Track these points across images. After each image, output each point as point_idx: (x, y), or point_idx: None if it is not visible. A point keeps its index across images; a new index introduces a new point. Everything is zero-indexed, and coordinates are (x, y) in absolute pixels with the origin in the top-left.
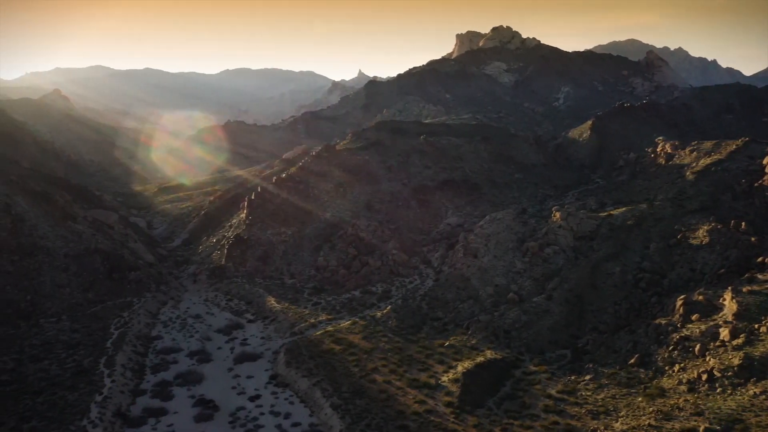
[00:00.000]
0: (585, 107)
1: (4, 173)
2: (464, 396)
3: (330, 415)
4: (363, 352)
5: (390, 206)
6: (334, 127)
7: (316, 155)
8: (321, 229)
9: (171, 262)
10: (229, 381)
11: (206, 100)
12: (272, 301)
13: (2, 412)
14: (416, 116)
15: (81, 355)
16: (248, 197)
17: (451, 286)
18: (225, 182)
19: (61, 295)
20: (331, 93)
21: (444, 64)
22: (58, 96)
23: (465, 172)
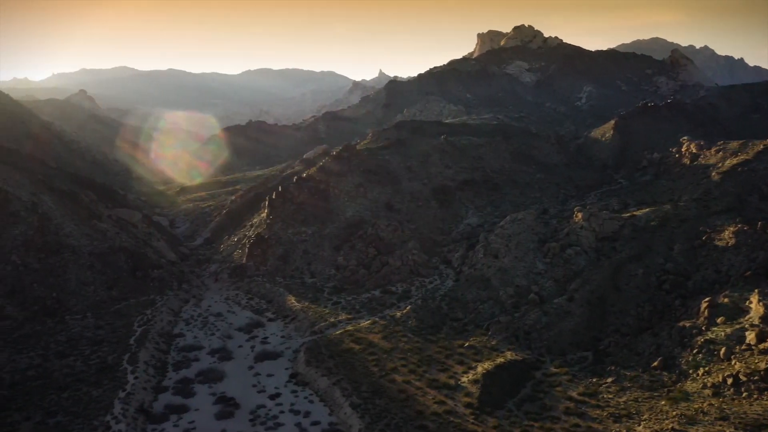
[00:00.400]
0: (608, 107)
1: (32, 172)
2: (484, 397)
3: (349, 415)
4: (382, 352)
5: (410, 206)
6: (355, 127)
7: (337, 155)
8: (341, 228)
9: (193, 261)
10: (249, 379)
11: (228, 101)
12: (292, 300)
13: (29, 406)
14: (437, 116)
15: (105, 352)
16: (269, 197)
17: (471, 286)
18: (246, 182)
19: (86, 293)
20: (352, 93)
21: (465, 64)
22: (84, 96)
23: (486, 172)
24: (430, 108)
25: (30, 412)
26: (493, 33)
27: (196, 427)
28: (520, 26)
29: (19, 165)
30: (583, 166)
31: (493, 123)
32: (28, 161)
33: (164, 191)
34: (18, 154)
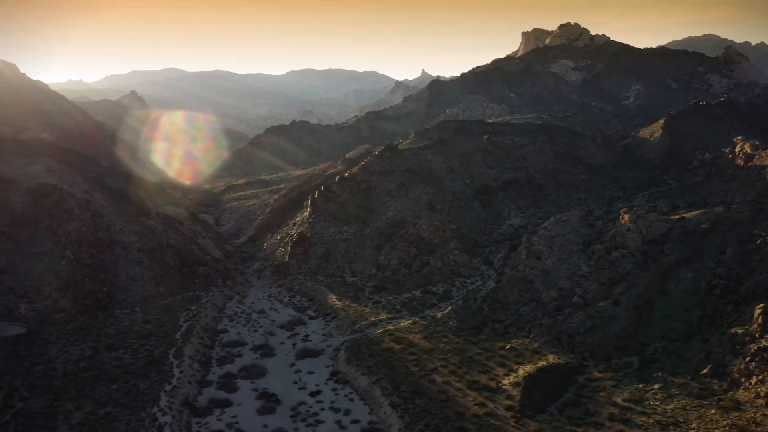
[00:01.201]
0: (657, 106)
1: (85, 171)
2: (525, 400)
3: (389, 414)
4: (423, 352)
5: (452, 206)
6: (397, 126)
7: (379, 155)
8: (382, 228)
9: (237, 258)
10: (290, 376)
11: (272, 101)
12: (333, 298)
13: (81, 396)
14: (480, 116)
15: (152, 346)
16: (311, 196)
17: (513, 288)
18: (289, 181)
19: (135, 288)
20: (394, 93)
21: (509, 63)
22: (135, 97)
23: (529, 172)
24: (473, 108)
25: (81, 402)
26: (538, 31)
27: (238, 421)
28: (565, 24)
29: (74, 164)
30: (630, 166)
31: (537, 123)
32: (81, 160)
33: (210, 190)
34: (72, 153)
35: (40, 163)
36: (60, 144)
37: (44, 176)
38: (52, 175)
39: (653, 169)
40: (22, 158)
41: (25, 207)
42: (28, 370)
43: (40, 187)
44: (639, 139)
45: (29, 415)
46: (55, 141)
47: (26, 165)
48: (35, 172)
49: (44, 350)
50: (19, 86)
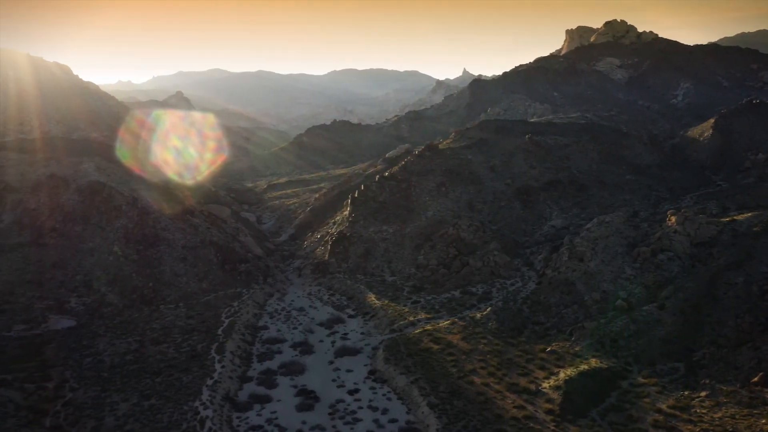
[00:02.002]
0: (707, 104)
1: (132, 169)
2: (566, 404)
3: (427, 414)
4: (461, 353)
5: (492, 206)
6: (437, 126)
7: (419, 154)
8: (422, 227)
9: (278, 256)
10: (329, 373)
11: (314, 100)
12: (372, 297)
13: (127, 388)
14: (521, 115)
15: (195, 341)
16: (351, 195)
17: (555, 290)
18: (330, 180)
19: (179, 284)
20: (435, 92)
21: (552, 61)
22: (180, 98)
23: (572, 172)
24: (515, 107)
25: (127, 394)
26: (583, 29)
27: (278, 417)
28: (611, 21)
29: (122, 162)
30: (678, 167)
31: (581, 122)
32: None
33: (252, 188)
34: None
35: (91, 162)
36: (109, 143)
37: (94, 174)
38: (102, 174)
39: (702, 169)
40: (74, 157)
41: (76, 204)
42: (78, 362)
43: (90, 185)
44: (688, 138)
45: (78, 405)
46: (104, 140)
47: (77, 164)
48: (86, 170)
49: (93, 343)
50: (71, 87)
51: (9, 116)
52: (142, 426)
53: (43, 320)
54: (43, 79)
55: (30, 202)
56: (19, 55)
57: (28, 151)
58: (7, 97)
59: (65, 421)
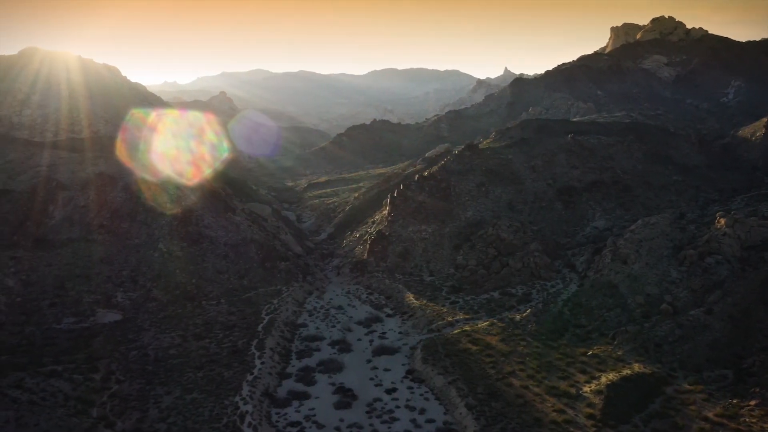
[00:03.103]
0: (759, 103)
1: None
2: (607, 409)
3: (464, 415)
4: (500, 355)
5: (533, 207)
6: (478, 125)
7: (458, 154)
8: (461, 228)
9: (317, 255)
10: (367, 372)
11: (354, 100)
12: (411, 297)
13: (170, 382)
14: (564, 114)
15: (236, 337)
16: (391, 195)
17: (597, 292)
18: (369, 180)
19: (221, 281)
20: (476, 91)
21: (596, 60)
22: (224, 98)
23: (616, 172)
24: (557, 106)
25: (171, 388)
26: (628, 26)
27: (316, 414)
28: (659, 18)
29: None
30: (727, 167)
31: (626, 121)
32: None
33: (292, 187)
34: None
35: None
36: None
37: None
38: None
39: (754, 170)
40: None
41: (123, 201)
42: (124, 355)
43: (137, 183)
44: (739, 138)
45: (124, 397)
46: None
47: (124, 162)
48: (132, 168)
49: (138, 337)
50: (118, 88)
51: (61, 116)
52: (184, 419)
53: (91, 314)
54: (92, 81)
55: (80, 199)
56: (70, 57)
57: (78, 150)
58: (60, 99)
59: (111, 412)
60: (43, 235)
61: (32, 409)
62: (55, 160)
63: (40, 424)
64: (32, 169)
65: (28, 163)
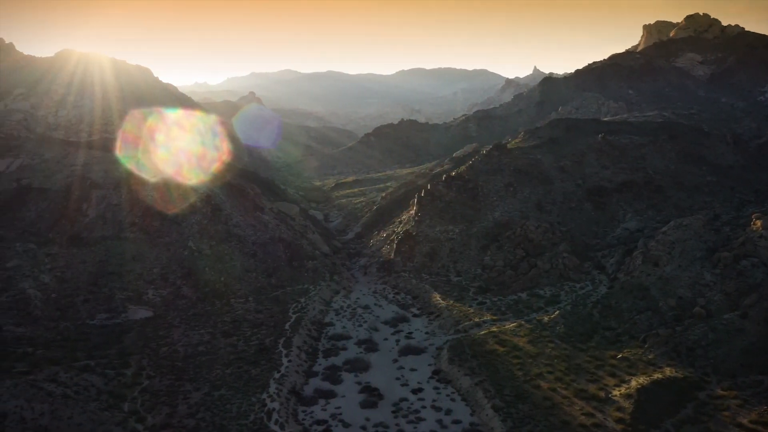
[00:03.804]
0: None
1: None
2: (638, 414)
3: (491, 417)
4: (528, 356)
5: (562, 207)
6: (506, 125)
7: (486, 154)
8: (489, 228)
9: (344, 254)
10: (393, 372)
11: (381, 100)
12: (438, 297)
13: (199, 378)
14: (594, 114)
15: (263, 335)
16: (418, 194)
17: (627, 295)
18: (396, 179)
19: (249, 279)
20: (504, 91)
21: (627, 58)
22: (253, 98)
23: (647, 173)
24: (587, 105)
25: (199, 384)
26: (661, 24)
27: (342, 413)
28: (693, 15)
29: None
30: (764, 168)
31: (658, 121)
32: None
33: (320, 187)
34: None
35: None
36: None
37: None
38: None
39: None
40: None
41: (154, 200)
42: (155, 351)
43: (167, 182)
44: None
45: (154, 392)
46: None
47: (155, 162)
48: (162, 168)
49: (168, 333)
50: (150, 89)
51: (95, 117)
52: (213, 415)
53: (123, 310)
54: (124, 81)
55: (113, 197)
56: (104, 59)
57: (111, 150)
58: (94, 100)
59: (142, 406)
60: (77, 233)
61: (66, 403)
62: (89, 159)
63: (73, 417)
64: (67, 168)
65: (63, 162)
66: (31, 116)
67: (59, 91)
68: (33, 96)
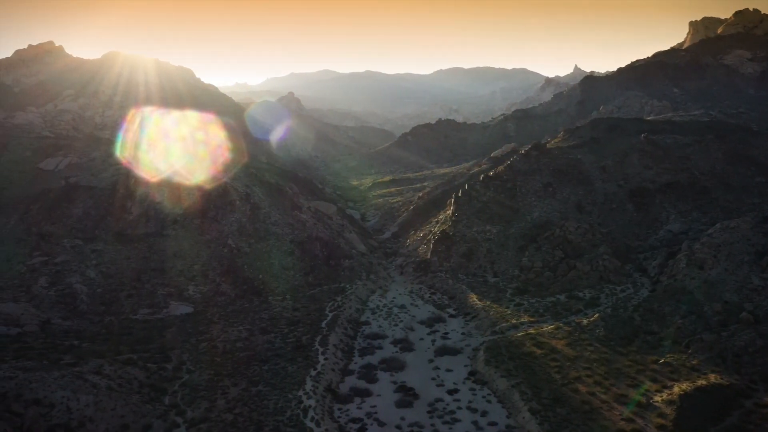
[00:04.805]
0: None
1: (246, 166)
2: (680, 420)
3: (528, 420)
4: (566, 359)
5: (603, 208)
6: (546, 125)
7: (525, 154)
8: (527, 229)
9: (380, 253)
10: (429, 372)
11: (419, 100)
12: (474, 298)
13: (236, 374)
14: (637, 113)
15: (300, 332)
16: (455, 194)
17: (670, 298)
18: (433, 179)
19: (286, 277)
20: (544, 90)
21: (672, 56)
22: (292, 98)
23: (692, 173)
24: (630, 104)
25: (237, 379)
26: (708, 20)
27: (377, 411)
28: (742, 11)
29: (237, 159)
30: None
31: (704, 120)
32: (244, 156)
33: (357, 186)
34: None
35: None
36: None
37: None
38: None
39: None
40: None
41: (195, 199)
42: (194, 346)
43: (208, 181)
44: None
45: (194, 386)
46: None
47: (194, 160)
48: (202, 166)
49: (208, 329)
50: (190, 89)
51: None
52: (250, 411)
53: (164, 306)
54: (166, 83)
55: (155, 196)
56: (148, 60)
57: (154, 149)
58: (137, 101)
59: (182, 400)
60: (122, 230)
61: (110, 395)
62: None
63: (116, 409)
64: (113, 167)
65: (109, 161)
66: (79, 116)
67: (106, 92)
68: (81, 97)
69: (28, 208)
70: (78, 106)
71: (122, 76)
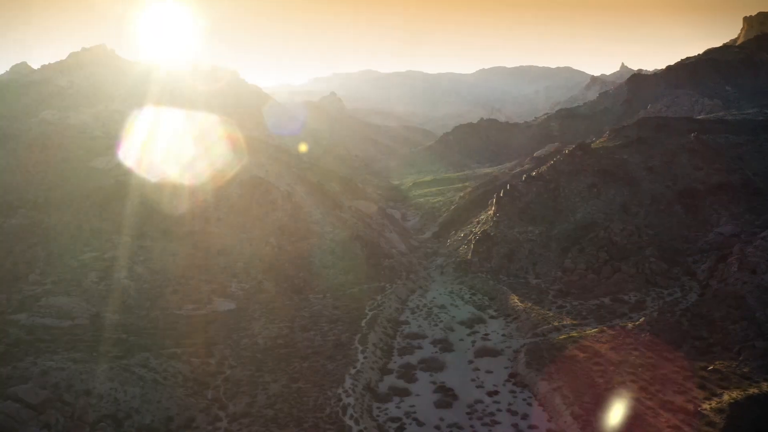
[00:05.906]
0: None
1: (288, 166)
2: (730, 429)
3: (569, 424)
4: (610, 364)
5: (649, 210)
6: (591, 124)
7: (569, 154)
8: (570, 230)
9: (421, 253)
10: (468, 373)
11: (462, 99)
12: (515, 299)
13: (277, 370)
14: (687, 111)
15: (339, 330)
16: (497, 194)
17: (721, 303)
18: (475, 179)
19: (327, 275)
20: (589, 89)
21: (725, 53)
22: (334, 98)
23: (745, 174)
24: (679, 103)
25: (278, 376)
26: (764, 15)
27: (416, 411)
28: None
29: (280, 159)
30: None
31: (759, 119)
32: (287, 156)
33: (398, 186)
34: (279, 150)
35: (252, 159)
36: (268, 141)
37: (255, 170)
38: (261, 169)
39: None
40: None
41: (239, 197)
42: (236, 342)
43: (251, 180)
44: None
45: (235, 381)
46: (265, 139)
47: (237, 160)
48: (248, 166)
49: (249, 325)
50: (233, 89)
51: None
52: (290, 407)
53: (208, 302)
54: (211, 84)
55: (200, 194)
56: (194, 63)
57: (198, 148)
58: (183, 103)
59: (224, 395)
60: (168, 227)
61: (156, 387)
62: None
63: (161, 402)
64: (160, 166)
65: (156, 160)
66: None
67: (154, 94)
68: (132, 98)
69: (80, 205)
70: (128, 107)
71: (169, 78)
